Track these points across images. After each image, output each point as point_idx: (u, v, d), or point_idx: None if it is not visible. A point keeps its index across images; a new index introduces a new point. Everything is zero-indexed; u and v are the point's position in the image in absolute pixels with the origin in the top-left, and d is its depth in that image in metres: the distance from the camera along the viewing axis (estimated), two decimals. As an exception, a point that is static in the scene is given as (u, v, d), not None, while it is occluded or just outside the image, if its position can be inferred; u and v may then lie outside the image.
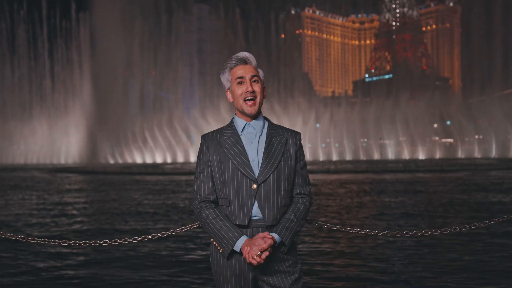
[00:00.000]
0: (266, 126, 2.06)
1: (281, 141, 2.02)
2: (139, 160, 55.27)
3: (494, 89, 61.91)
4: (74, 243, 2.41)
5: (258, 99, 2.02)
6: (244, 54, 2.05)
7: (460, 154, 54.31)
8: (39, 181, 22.55)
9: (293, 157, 2.02)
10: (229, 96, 2.07)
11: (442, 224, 8.07)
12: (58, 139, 61.62)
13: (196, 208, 2.02)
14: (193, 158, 54.12)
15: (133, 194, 15.04)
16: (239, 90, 2.01)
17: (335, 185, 17.31)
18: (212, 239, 2.03)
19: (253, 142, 2.00)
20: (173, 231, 2.56)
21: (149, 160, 54.76)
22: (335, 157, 53.47)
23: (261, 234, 1.89)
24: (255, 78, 2.03)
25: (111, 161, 56.50)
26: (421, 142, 54.40)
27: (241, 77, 2.01)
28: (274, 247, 1.90)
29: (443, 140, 63.18)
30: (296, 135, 2.08)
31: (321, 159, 52.77)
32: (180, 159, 55.59)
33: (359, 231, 2.61)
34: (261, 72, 2.09)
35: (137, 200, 12.97)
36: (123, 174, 27.85)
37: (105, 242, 2.46)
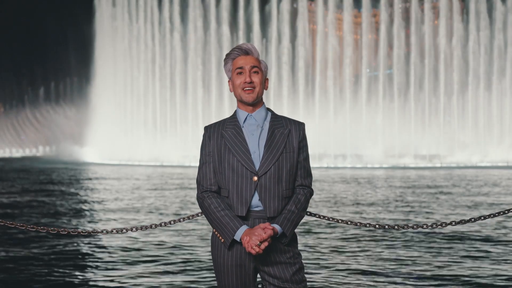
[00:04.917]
0: (268, 118, 2.05)
1: (284, 132, 2.01)
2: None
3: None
4: (72, 231, 2.44)
5: (257, 89, 2.01)
6: (246, 45, 2.04)
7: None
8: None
9: (296, 149, 2.01)
10: (230, 86, 2.07)
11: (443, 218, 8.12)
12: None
13: (199, 198, 2.03)
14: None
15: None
16: (238, 80, 2.02)
17: (334, 180, 17.30)
18: (213, 229, 2.03)
19: (255, 134, 2.00)
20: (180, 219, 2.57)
21: None
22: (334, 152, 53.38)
23: (261, 225, 1.89)
24: (255, 69, 2.02)
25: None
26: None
27: (241, 67, 2.02)
28: (275, 239, 1.91)
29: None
30: (300, 125, 2.06)
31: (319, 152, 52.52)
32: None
33: (359, 223, 2.65)
34: (263, 64, 2.07)
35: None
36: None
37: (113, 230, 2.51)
